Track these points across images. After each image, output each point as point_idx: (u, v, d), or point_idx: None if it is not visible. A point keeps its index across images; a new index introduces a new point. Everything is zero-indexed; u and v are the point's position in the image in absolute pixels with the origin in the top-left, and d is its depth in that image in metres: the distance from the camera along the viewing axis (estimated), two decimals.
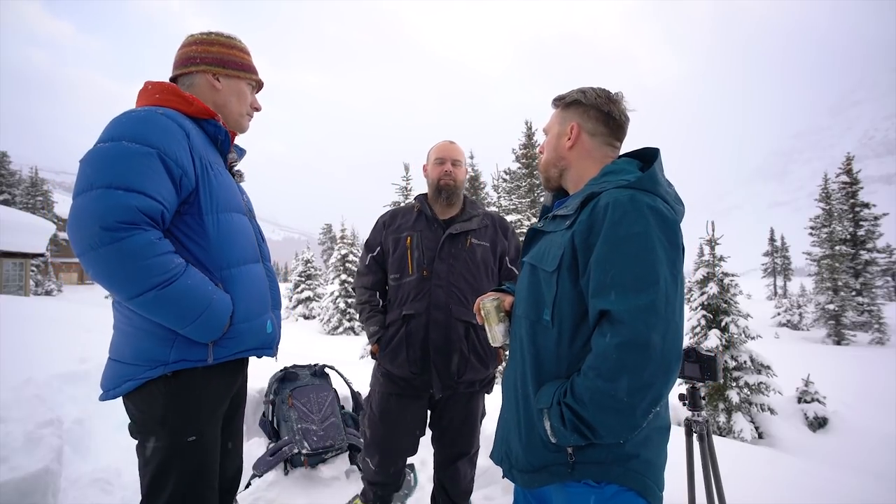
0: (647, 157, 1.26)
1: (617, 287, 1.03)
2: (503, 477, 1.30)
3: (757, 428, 8.83)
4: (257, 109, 1.61)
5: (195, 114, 1.40)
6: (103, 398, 1.32)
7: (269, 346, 1.52)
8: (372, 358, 2.23)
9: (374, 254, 2.26)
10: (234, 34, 1.54)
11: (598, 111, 1.27)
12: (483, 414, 2.30)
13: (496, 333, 1.39)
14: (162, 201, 1.23)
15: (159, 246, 1.20)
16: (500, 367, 2.39)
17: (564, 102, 1.33)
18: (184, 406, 1.30)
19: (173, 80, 1.50)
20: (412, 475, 2.74)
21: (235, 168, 1.59)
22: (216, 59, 1.47)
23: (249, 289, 1.42)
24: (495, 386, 2.30)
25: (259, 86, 1.61)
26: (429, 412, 2.24)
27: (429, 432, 2.28)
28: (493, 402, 2.77)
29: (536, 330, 1.20)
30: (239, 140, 1.65)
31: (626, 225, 1.05)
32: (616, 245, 1.05)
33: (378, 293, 2.26)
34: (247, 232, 1.49)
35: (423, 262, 2.10)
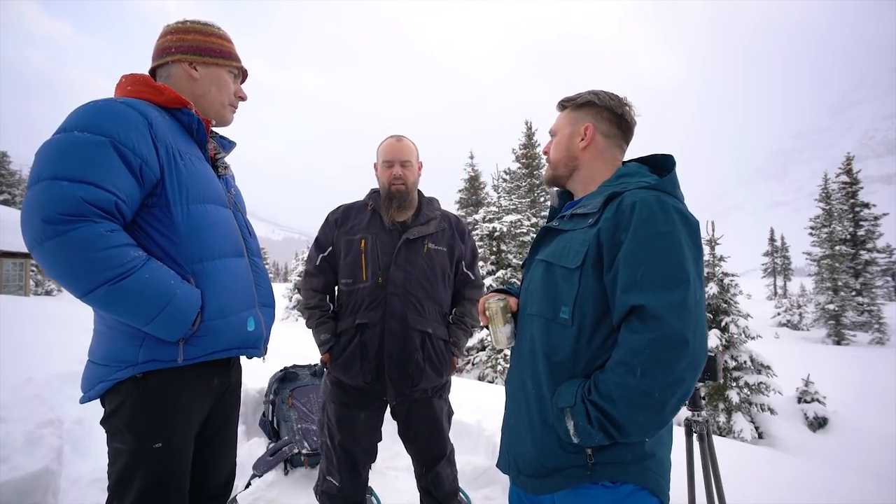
0: (654, 163, 1.28)
1: (648, 283, 1.04)
2: (512, 485, 1.28)
3: (757, 428, 8.84)
4: (242, 99, 1.53)
5: (166, 103, 1.33)
6: (82, 400, 1.28)
7: (252, 346, 1.43)
8: (323, 367, 2.13)
9: (325, 254, 2.12)
10: (213, 21, 1.46)
11: (612, 113, 1.29)
12: (450, 414, 2.23)
13: (501, 336, 1.35)
14: (115, 192, 1.15)
15: (110, 238, 1.12)
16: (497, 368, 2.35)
17: (575, 104, 1.33)
18: (152, 410, 1.23)
19: (152, 72, 1.43)
20: (374, 498, 2.65)
21: (220, 160, 1.50)
22: (192, 48, 1.40)
23: (226, 284, 1.34)
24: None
25: (243, 74, 1.53)
26: (395, 421, 2.16)
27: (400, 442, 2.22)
28: (492, 401, 2.77)
29: (551, 328, 1.18)
30: (236, 137, 1.59)
31: (654, 224, 1.07)
32: (645, 242, 1.06)
33: (328, 297, 2.13)
34: (226, 224, 1.40)
35: (378, 268, 1.98)
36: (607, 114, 1.29)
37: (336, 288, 2.15)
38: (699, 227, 1.13)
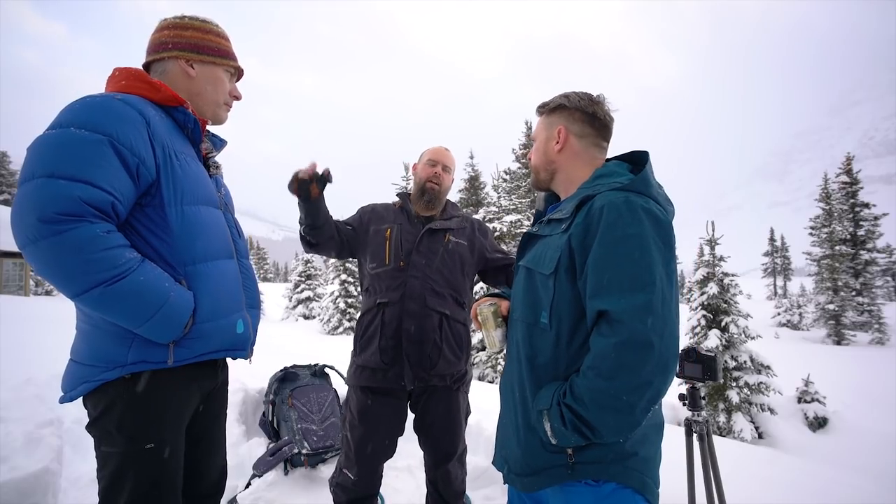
0: (636, 160, 1.28)
1: (614, 287, 1.05)
2: (504, 483, 1.30)
3: (757, 428, 8.84)
4: (237, 98, 1.52)
5: (162, 101, 1.31)
6: (62, 400, 1.25)
7: (240, 348, 1.43)
8: (290, 190, 1.99)
9: (342, 221, 2.22)
10: (211, 18, 1.45)
11: (583, 113, 1.30)
12: (468, 412, 2.28)
13: (494, 339, 1.39)
14: (112, 192, 1.13)
15: (107, 239, 1.11)
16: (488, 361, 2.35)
17: (549, 108, 1.36)
18: (143, 411, 1.21)
19: (146, 67, 1.40)
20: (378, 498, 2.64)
21: (212, 159, 1.50)
22: (190, 45, 1.38)
23: (217, 286, 1.34)
24: (475, 384, 2.27)
25: (238, 73, 1.52)
26: (411, 414, 2.20)
27: (415, 437, 2.24)
28: (493, 401, 2.77)
29: (533, 332, 1.21)
30: (234, 138, 1.59)
31: (621, 227, 1.07)
32: (612, 246, 1.07)
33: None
34: (217, 226, 1.40)
35: (400, 253, 2.11)
36: (578, 114, 1.30)
37: (339, 234, 2.18)
38: (671, 225, 1.13)
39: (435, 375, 2.07)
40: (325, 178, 2.00)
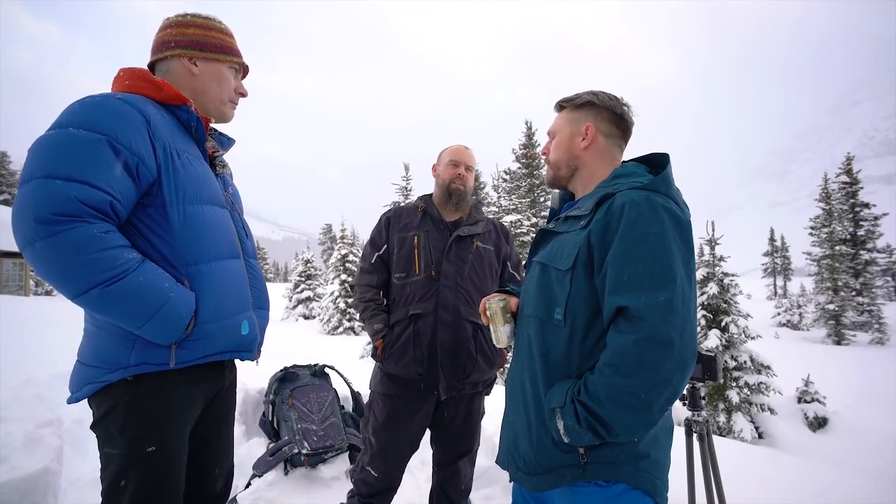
0: (653, 162, 1.28)
1: (635, 284, 1.04)
2: (510, 481, 1.29)
3: (757, 428, 8.83)
4: (243, 95, 1.50)
5: (165, 100, 1.30)
6: (69, 401, 1.26)
7: (246, 349, 1.41)
8: (373, 357, 2.20)
9: (381, 252, 2.23)
10: (215, 15, 1.44)
11: (612, 113, 1.30)
12: (482, 413, 2.32)
13: (501, 335, 1.39)
14: (111, 191, 1.12)
15: (105, 240, 1.10)
16: (505, 368, 2.38)
17: (575, 104, 1.35)
18: (145, 414, 1.21)
19: (151, 67, 1.40)
20: None
21: (218, 158, 1.48)
22: (192, 42, 1.37)
23: (222, 286, 1.32)
24: (495, 387, 2.32)
25: (244, 70, 1.50)
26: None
27: (428, 432, 2.27)
28: (492, 402, 2.78)
29: (546, 329, 1.20)
30: (231, 135, 1.56)
31: (642, 224, 1.07)
32: (633, 244, 1.07)
33: (381, 292, 2.24)
34: (223, 225, 1.38)
35: (430, 262, 2.09)
36: (607, 114, 1.30)
37: (390, 283, 2.24)
38: (690, 225, 1.13)
39: (468, 384, 2.10)
40: None
